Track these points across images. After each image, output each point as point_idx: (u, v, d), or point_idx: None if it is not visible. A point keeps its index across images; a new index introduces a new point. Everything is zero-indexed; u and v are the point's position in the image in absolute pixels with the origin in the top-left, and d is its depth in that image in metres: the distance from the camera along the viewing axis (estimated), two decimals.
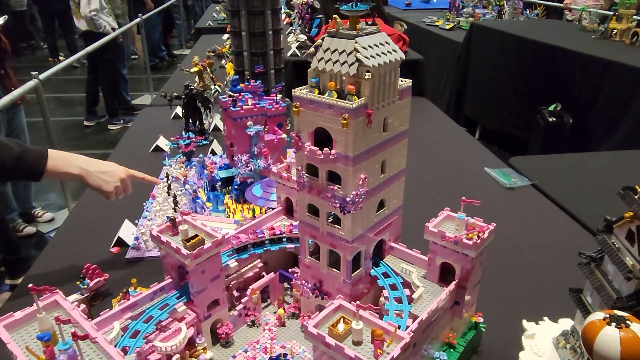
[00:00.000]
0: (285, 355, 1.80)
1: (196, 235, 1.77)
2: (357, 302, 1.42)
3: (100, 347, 1.33)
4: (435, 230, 1.71)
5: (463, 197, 1.72)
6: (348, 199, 1.57)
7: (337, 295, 1.54)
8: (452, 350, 1.77)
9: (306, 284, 1.93)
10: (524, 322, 2.05)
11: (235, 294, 2.06)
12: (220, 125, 4.29)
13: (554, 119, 5.91)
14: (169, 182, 2.98)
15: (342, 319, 1.39)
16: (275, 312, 2.08)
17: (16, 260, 4.61)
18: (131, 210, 2.84)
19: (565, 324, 2.00)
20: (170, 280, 1.87)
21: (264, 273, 2.13)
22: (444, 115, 5.02)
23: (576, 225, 2.81)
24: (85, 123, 7.55)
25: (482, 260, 1.79)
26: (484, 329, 1.86)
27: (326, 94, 1.56)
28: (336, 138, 1.55)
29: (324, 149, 1.58)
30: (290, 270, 2.06)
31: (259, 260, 2.16)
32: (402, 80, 1.70)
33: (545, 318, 2.08)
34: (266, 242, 2.07)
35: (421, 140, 4.07)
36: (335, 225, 1.70)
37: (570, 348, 1.82)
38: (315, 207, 1.75)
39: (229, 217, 2.73)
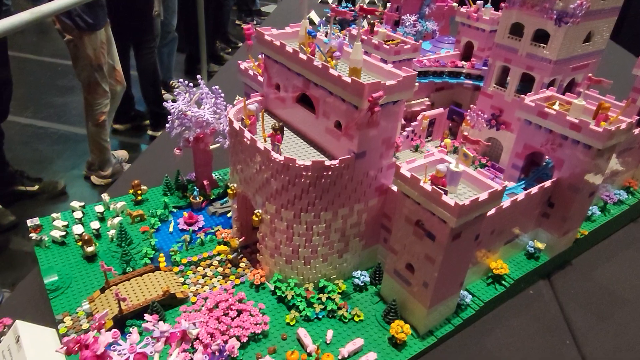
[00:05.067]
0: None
1: (395, 39, 1.85)
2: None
3: None
4: None
5: None
6: (571, 6, 1.54)
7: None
8: (630, 195, 1.74)
9: (482, 114, 1.95)
10: None
11: (402, 121, 2.14)
12: None
13: None
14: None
15: (557, 102, 1.41)
16: (437, 146, 2.14)
17: (160, 115, 5.10)
18: None
19: None
20: None
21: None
22: None
23: None
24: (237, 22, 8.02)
25: None
26: None
27: None
28: None
29: None
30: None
31: (427, 98, 2.21)
32: None
33: None
34: (445, 73, 2.10)
35: None
36: (541, 45, 1.68)
37: None
38: (518, 28, 1.74)
39: None
